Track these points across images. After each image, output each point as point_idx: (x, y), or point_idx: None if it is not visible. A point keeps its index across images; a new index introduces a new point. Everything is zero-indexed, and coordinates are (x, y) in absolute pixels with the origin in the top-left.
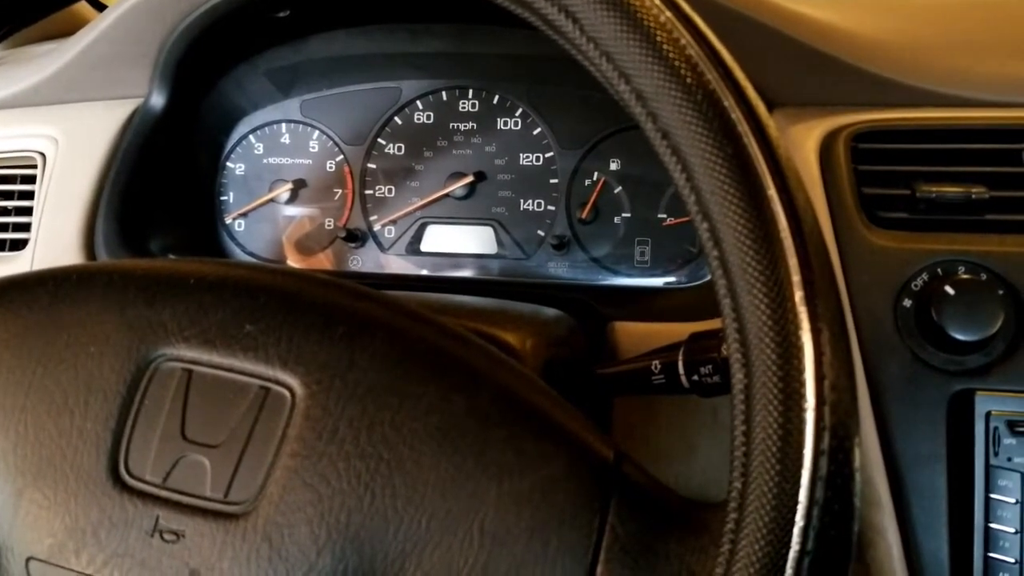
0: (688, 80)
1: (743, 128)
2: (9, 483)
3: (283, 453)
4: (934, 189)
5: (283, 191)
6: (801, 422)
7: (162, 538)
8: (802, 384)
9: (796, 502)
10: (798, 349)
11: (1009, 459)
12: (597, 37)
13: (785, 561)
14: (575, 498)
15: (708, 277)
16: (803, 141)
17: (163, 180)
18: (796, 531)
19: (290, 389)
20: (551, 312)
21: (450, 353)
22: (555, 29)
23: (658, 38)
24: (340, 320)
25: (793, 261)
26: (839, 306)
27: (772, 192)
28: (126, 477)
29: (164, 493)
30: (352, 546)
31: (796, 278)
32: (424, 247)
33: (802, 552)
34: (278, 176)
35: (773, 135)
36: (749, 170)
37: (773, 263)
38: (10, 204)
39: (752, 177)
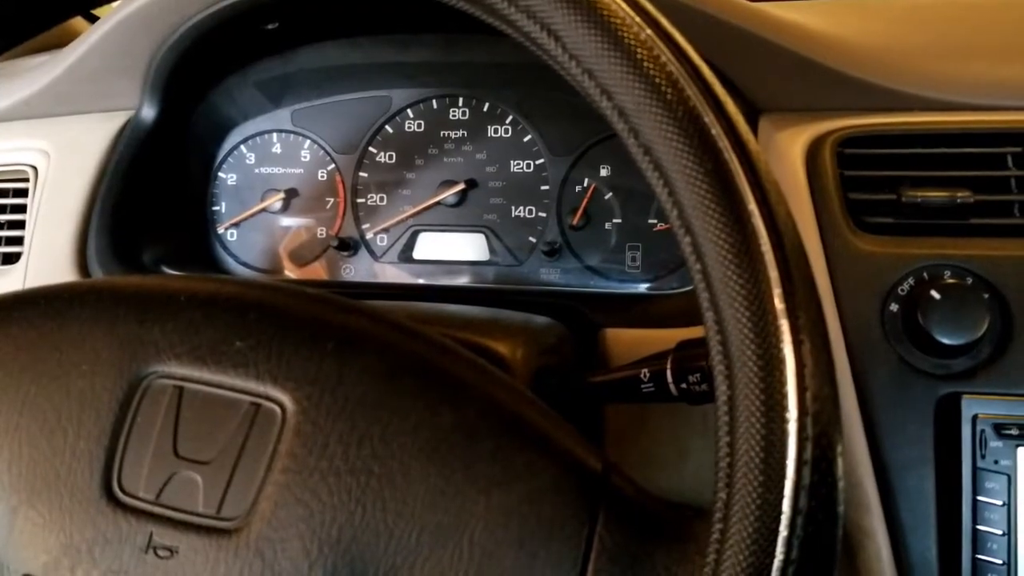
0: (669, 96)
1: (723, 143)
2: (4, 501)
3: (274, 469)
4: (919, 194)
5: (275, 201)
6: (784, 433)
7: (156, 554)
8: (784, 396)
9: (780, 512)
10: (780, 361)
11: (996, 462)
12: (579, 55)
13: (770, 570)
14: (563, 510)
15: None
16: (789, 147)
17: (155, 191)
18: (780, 540)
19: (280, 405)
20: (542, 321)
21: (438, 366)
22: (538, 46)
23: (639, 55)
24: (329, 335)
25: (774, 274)
26: (821, 317)
27: (753, 207)
28: (119, 494)
29: (157, 509)
30: (343, 560)
31: (777, 291)
32: (416, 255)
33: (786, 561)
34: (270, 186)
35: (753, 149)
36: (730, 185)
37: (754, 276)
38: (3, 218)
39: (733, 192)
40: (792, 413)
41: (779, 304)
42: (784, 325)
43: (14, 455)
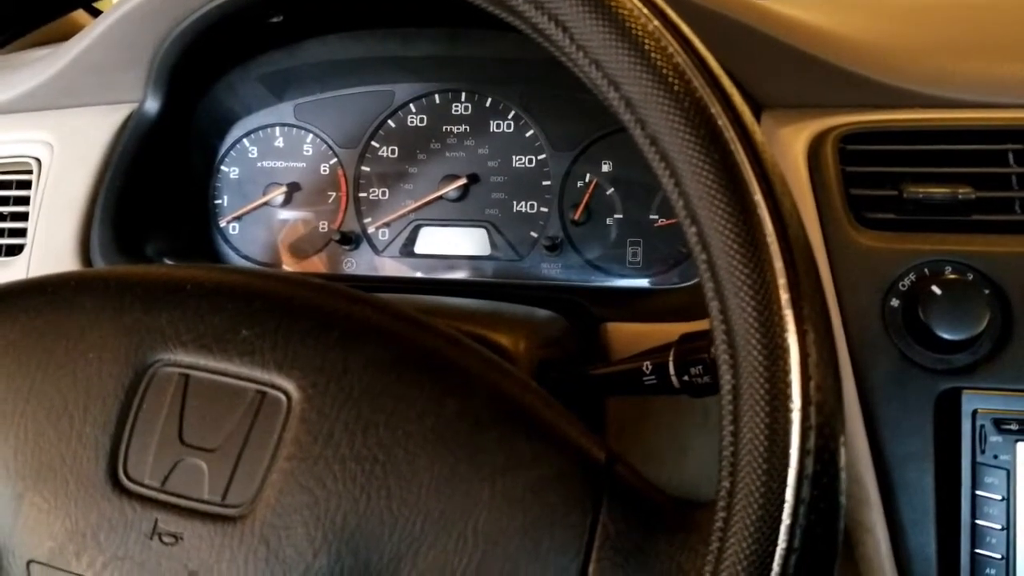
0: (676, 87)
1: (730, 134)
2: (10, 487)
3: (279, 456)
4: (921, 190)
5: (277, 194)
6: (787, 422)
7: (161, 540)
8: (788, 385)
9: (783, 501)
10: (784, 351)
11: (995, 456)
12: (586, 45)
13: (772, 559)
14: (567, 498)
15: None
16: (791, 143)
17: (158, 184)
18: (783, 529)
19: (286, 393)
20: (544, 314)
21: (443, 356)
22: (545, 37)
23: (646, 46)
24: (335, 324)
25: (779, 265)
26: (825, 308)
27: (758, 197)
28: (125, 481)
29: (163, 496)
30: (348, 548)
31: (782, 281)
32: (418, 249)
33: (789, 550)
34: (272, 179)
35: (759, 141)
36: (736, 176)
37: (759, 267)
38: (6, 210)
39: (739, 182)
40: (796, 402)
41: (784, 294)
42: (788, 315)
43: (20, 442)
